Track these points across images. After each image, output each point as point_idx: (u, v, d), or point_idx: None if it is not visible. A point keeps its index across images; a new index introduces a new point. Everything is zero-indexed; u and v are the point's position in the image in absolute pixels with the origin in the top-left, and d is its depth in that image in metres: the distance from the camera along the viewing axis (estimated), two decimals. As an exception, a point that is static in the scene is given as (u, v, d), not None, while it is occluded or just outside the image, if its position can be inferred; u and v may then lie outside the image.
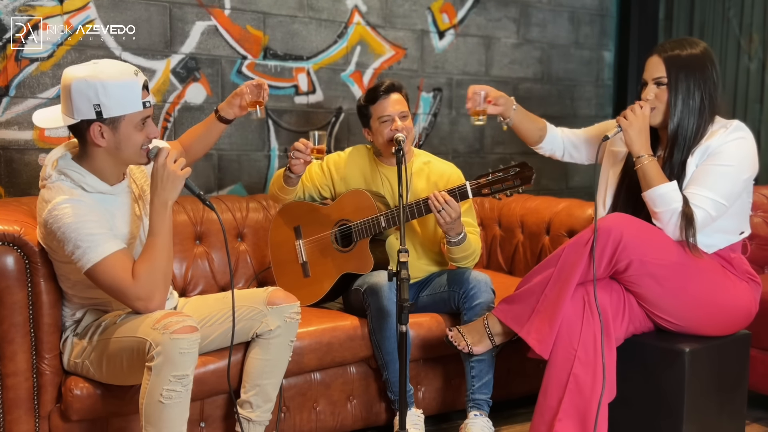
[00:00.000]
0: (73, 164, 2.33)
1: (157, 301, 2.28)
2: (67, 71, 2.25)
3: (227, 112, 2.83)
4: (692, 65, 2.51)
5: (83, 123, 2.25)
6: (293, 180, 3.01)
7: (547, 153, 3.01)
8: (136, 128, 2.28)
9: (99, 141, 2.26)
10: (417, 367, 3.02)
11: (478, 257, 3.02)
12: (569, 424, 2.37)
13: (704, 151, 2.49)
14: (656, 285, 2.43)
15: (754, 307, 2.57)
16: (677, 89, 2.51)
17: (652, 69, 2.58)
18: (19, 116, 3.28)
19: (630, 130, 2.51)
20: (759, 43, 4.70)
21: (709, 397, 2.52)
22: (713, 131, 2.51)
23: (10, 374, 2.38)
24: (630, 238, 2.38)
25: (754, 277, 2.60)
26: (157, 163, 2.29)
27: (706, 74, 2.52)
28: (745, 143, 2.48)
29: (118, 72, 2.24)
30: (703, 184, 2.44)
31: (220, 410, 2.69)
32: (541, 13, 4.71)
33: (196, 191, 2.39)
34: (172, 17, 3.57)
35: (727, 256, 2.55)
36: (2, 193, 3.27)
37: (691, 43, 2.56)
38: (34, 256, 2.37)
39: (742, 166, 2.46)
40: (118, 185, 2.40)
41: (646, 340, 2.53)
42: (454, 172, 3.16)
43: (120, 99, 2.23)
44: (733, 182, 2.45)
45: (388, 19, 4.15)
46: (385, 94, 3.04)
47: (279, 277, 3.18)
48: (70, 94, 2.22)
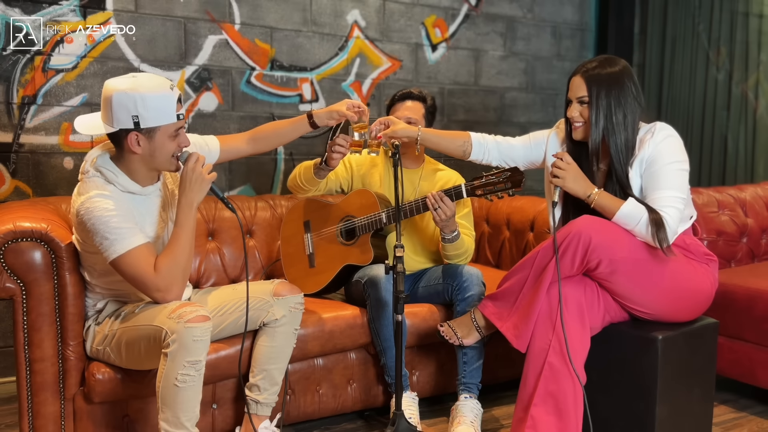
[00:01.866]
0: (109, 163, 2.34)
1: (175, 293, 2.27)
2: (108, 83, 2.25)
3: (321, 119, 2.70)
4: (611, 83, 2.49)
5: (121, 131, 2.25)
6: (325, 173, 2.96)
7: (483, 162, 2.89)
8: (169, 138, 2.29)
9: (135, 148, 2.27)
10: (412, 353, 3.02)
11: (470, 257, 3.02)
12: (544, 408, 2.37)
13: (641, 160, 2.47)
14: (626, 280, 2.43)
15: (714, 285, 2.58)
16: (598, 107, 2.49)
17: (575, 89, 2.55)
18: (46, 122, 3.28)
19: (567, 182, 2.47)
20: (726, 55, 4.71)
21: (680, 380, 2.52)
22: (642, 139, 2.49)
23: (38, 360, 2.38)
24: (599, 240, 2.37)
25: (711, 255, 2.61)
26: (187, 167, 2.30)
27: (626, 90, 2.49)
28: (674, 140, 2.48)
29: (155, 86, 2.25)
30: (661, 186, 2.43)
31: (230, 393, 2.69)
32: (526, 28, 4.71)
33: (221, 195, 2.39)
34: (186, 31, 3.56)
35: (683, 242, 2.54)
36: (30, 193, 3.27)
37: (611, 62, 2.53)
38: (59, 251, 2.37)
39: (680, 158, 2.46)
40: (149, 187, 2.40)
41: (622, 329, 2.53)
42: (459, 179, 3.16)
43: (156, 111, 2.23)
44: (682, 175, 2.46)
45: (385, 33, 4.14)
46: (399, 100, 3.08)
47: (287, 267, 3.18)
48: (111, 104, 2.22)
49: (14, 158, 3.25)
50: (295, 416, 2.84)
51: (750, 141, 4.70)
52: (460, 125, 4.45)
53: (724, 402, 3.19)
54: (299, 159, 3.90)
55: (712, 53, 4.77)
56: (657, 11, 5.01)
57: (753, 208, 3.73)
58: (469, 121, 4.50)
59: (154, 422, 2.50)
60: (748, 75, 4.68)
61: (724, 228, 3.58)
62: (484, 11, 4.51)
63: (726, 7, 4.70)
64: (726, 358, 3.15)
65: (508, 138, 2.87)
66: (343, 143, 2.80)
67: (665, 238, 2.37)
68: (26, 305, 2.37)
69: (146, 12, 3.46)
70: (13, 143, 3.24)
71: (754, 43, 4.66)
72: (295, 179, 3.07)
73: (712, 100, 4.78)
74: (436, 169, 3.20)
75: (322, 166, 2.92)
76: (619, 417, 2.51)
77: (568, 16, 4.90)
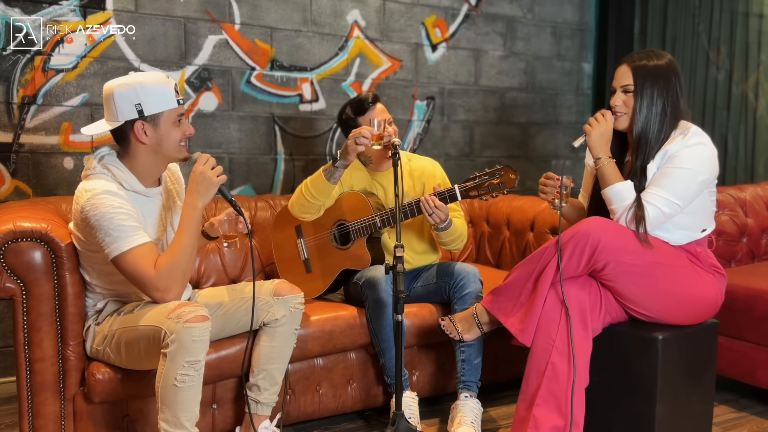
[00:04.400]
0: (117, 161, 2.35)
1: (174, 294, 2.27)
2: (107, 84, 2.31)
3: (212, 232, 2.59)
4: (657, 75, 2.51)
5: (127, 124, 2.29)
6: (340, 172, 2.83)
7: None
8: (173, 125, 2.33)
9: (143, 138, 2.30)
10: (411, 353, 3.02)
11: (466, 238, 3.01)
12: (546, 408, 2.36)
13: (663, 155, 2.48)
14: (631, 282, 2.43)
15: (720, 297, 2.57)
16: (642, 96, 2.51)
17: (620, 77, 2.58)
18: (46, 122, 3.28)
19: (592, 133, 2.52)
20: (726, 55, 4.71)
21: (680, 381, 2.51)
22: (673, 137, 2.50)
23: (38, 360, 2.38)
24: (607, 241, 2.37)
25: (719, 269, 2.60)
26: (196, 168, 2.32)
27: (670, 84, 2.51)
28: (704, 148, 2.47)
29: (152, 77, 2.32)
30: (659, 184, 2.43)
31: (230, 393, 2.69)
32: (526, 28, 4.71)
33: (229, 197, 2.40)
34: (186, 31, 3.56)
35: (693, 250, 2.54)
36: (30, 193, 3.27)
37: (657, 55, 2.56)
38: (59, 251, 2.37)
39: (698, 169, 2.44)
40: (152, 189, 2.42)
41: (623, 329, 2.52)
42: (434, 167, 3.15)
43: (157, 97, 2.29)
44: (687, 184, 2.43)
45: (385, 33, 4.14)
46: (372, 104, 3.03)
47: (283, 273, 3.17)
48: (113, 99, 2.27)
49: (14, 158, 3.25)
50: (295, 416, 2.84)
51: (750, 141, 4.70)
52: (459, 125, 4.45)
53: (724, 402, 3.18)
54: (299, 159, 3.89)
55: (712, 53, 4.76)
56: (657, 11, 5.00)
57: (753, 208, 3.73)
58: (469, 121, 4.50)
59: (154, 422, 2.50)
60: (748, 75, 4.67)
61: (724, 228, 3.57)
62: (484, 11, 4.51)
63: (726, 7, 4.70)
64: (726, 357, 3.14)
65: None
66: (368, 135, 2.73)
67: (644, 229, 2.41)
68: (26, 305, 2.36)
69: (146, 12, 3.46)
70: (13, 143, 3.24)
71: (754, 43, 4.66)
72: (302, 197, 2.91)
73: (712, 100, 4.77)
74: (408, 161, 3.15)
75: (337, 165, 2.81)
76: (618, 417, 2.51)
77: (568, 16, 4.89)
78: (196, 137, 3.61)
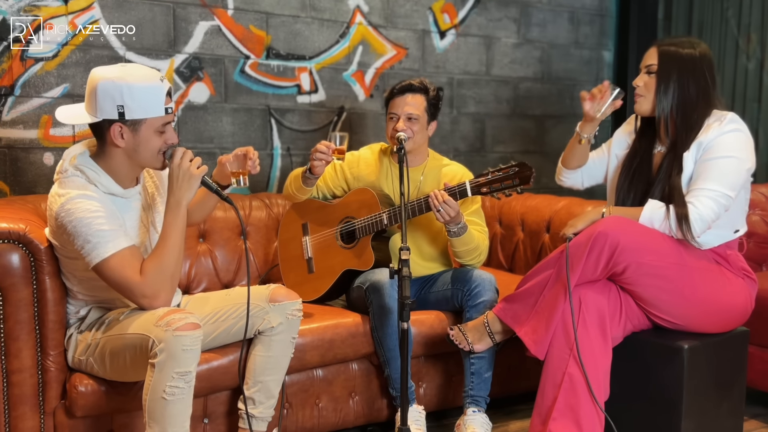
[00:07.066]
0: (90, 162, 2.34)
1: (162, 300, 2.27)
2: (94, 71, 2.27)
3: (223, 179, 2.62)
4: (685, 60, 2.53)
5: (104, 122, 2.26)
6: (312, 181, 3.02)
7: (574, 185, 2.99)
8: (155, 133, 2.30)
9: (118, 141, 2.28)
10: (418, 364, 3.02)
11: (485, 256, 3.01)
12: (563, 422, 2.36)
13: (700, 144, 2.48)
14: (653, 286, 2.43)
15: (750, 303, 2.56)
16: (665, 79, 2.53)
17: (647, 57, 2.62)
18: (24, 115, 3.28)
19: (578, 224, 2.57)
20: (757, 42, 4.69)
21: (707, 393, 2.51)
22: (708, 125, 2.50)
23: (16, 371, 2.38)
24: (627, 242, 2.37)
25: (750, 273, 2.59)
26: (173, 163, 2.30)
27: (697, 72, 2.52)
28: (742, 135, 2.48)
29: (144, 76, 2.27)
30: (706, 177, 2.43)
31: (223, 406, 2.69)
32: (541, 13, 4.70)
33: (214, 187, 2.41)
34: (175, 17, 3.56)
35: (723, 252, 2.54)
36: (7, 191, 3.27)
37: (691, 43, 2.57)
38: (39, 254, 2.37)
39: (742, 156, 2.45)
40: (130, 189, 2.41)
41: (645, 338, 2.52)
42: (465, 174, 3.15)
43: (143, 102, 2.25)
44: (737, 172, 2.44)
45: (389, 19, 4.14)
46: (399, 93, 3.06)
47: (286, 273, 3.18)
48: (96, 93, 2.24)
49: (-9, 154, 3.25)
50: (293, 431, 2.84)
51: (783, 135, 4.69)
52: (469, 118, 4.45)
53: (755, 416, 3.18)
54: (297, 154, 3.89)
55: (741, 40, 4.75)
56: (682, -5, 5.00)
57: (786, 207, 3.72)
58: (480, 113, 4.49)
59: (141, 438, 2.50)
60: (781, 64, 4.66)
61: (754, 229, 3.56)
62: (496, -5, 4.51)
63: (757, -9, 4.69)
64: (757, 369, 3.13)
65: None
66: (324, 150, 2.86)
67: (689, 231, 2.39)
68: (3, 312, 2.36)
69: (132, -4, 3.46)
70: (-10, 138, 3.25)
71: (787, 29, 4.64)
72: (288, 189, 3.15)
73: (741, 90, 4.76)
74: (440, 164, 3.19)
75: (307, 175, 2.98)
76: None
77: (587, 0, 4.89)
78: (186, 132, 3.61)
